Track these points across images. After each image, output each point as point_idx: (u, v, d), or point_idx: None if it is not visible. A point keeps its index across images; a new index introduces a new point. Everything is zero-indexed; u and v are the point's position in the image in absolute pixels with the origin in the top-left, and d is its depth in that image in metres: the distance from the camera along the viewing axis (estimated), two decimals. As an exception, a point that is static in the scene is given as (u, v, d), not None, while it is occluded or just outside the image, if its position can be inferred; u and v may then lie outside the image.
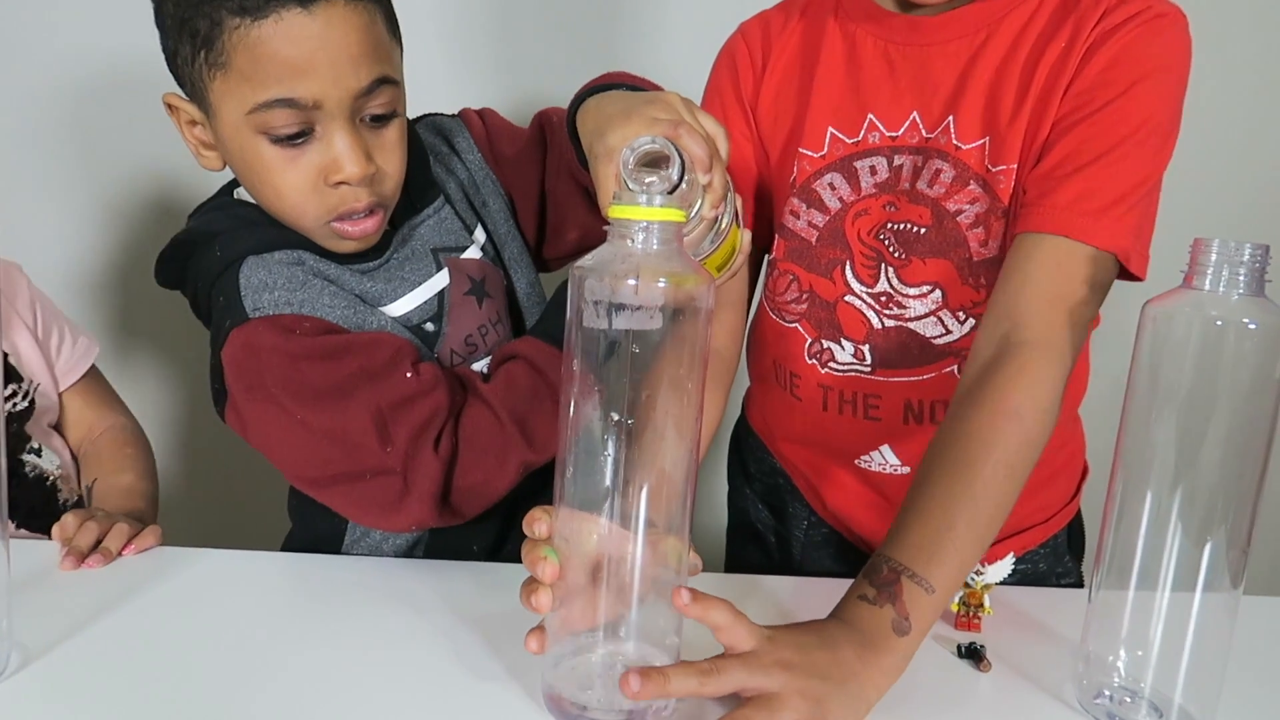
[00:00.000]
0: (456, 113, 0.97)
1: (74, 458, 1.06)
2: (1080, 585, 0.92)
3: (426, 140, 0.92)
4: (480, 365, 0.88)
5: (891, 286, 0.82)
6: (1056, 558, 0.93)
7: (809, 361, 0.87)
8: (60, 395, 1.05)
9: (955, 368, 0.82)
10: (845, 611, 0.61)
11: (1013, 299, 0.69)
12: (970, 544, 0.62)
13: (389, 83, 0.76)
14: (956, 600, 0.74)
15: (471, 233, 0.91)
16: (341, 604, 0.73)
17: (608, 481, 0.57)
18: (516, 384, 0.80)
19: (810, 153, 0.83)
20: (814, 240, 0.84)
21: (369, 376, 0.76)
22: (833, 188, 0.82)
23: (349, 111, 0.74)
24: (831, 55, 0.82)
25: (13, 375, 0.98)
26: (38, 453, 0.99)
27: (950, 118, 0.77)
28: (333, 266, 0.81)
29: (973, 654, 0.69)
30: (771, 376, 0.93)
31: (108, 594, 0.71)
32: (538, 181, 0.93)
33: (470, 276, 0.88)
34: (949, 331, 0.81)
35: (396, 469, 0.76)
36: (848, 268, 0.83)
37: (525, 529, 0.61)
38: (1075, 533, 0.95)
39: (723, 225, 0.69)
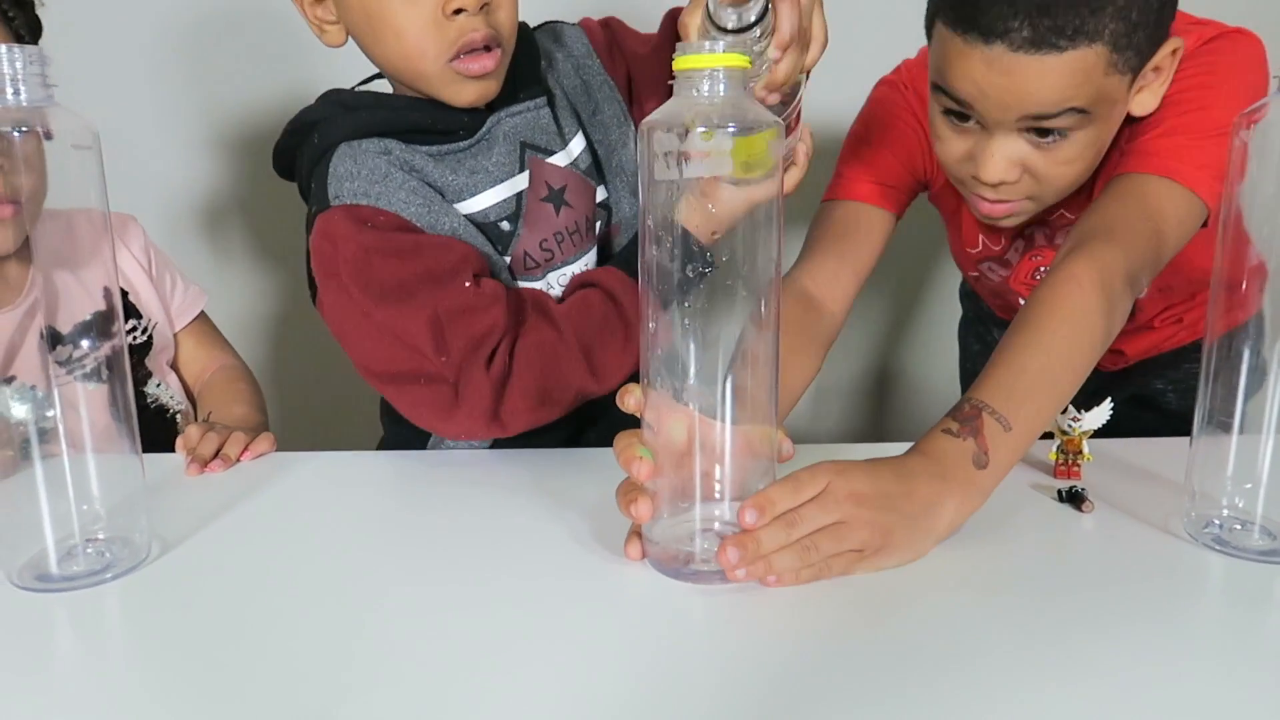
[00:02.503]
0: (578, 21, 0.97)
1: (190, 397, 1.12)
2: None
3: (543, 45, 0.93)
4: (556, 276, 0.89)
5: None
6: None
7: None
8: (175, 336, 1.12)
9: None
10: (927, 444, 0.63)
11: (1078, 222, 0.75)
12: (1043, 389, 0.66)
13: None
14: (1055, 449, 0.73)
15: (566, 141, 0.90)
16: (441, 490, 0.77)
17: (690, 344, 0.58)
18: (590, 311, 0.81)
19: (970, 249, 0.98)
20: (995, 287, 1.02)
21: (432, 279, 0.78)
22: (991, 269, 0.99)
23: None
24: None
25: (132, 312, 1.04)
26: (159, 387, 1.05)
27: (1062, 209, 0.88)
28: (420, 156, 0.83)
29: (1073, 498, 0.69)
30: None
31: (229, 494, 0.76)
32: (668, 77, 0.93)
33: (549, 183, 0.88)
34: None
35: (450, 379, 0.78)
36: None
37: (619, 402, 0.63)
38: None
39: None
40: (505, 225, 0.86)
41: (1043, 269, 0.94)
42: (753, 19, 0.56)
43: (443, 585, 0.60)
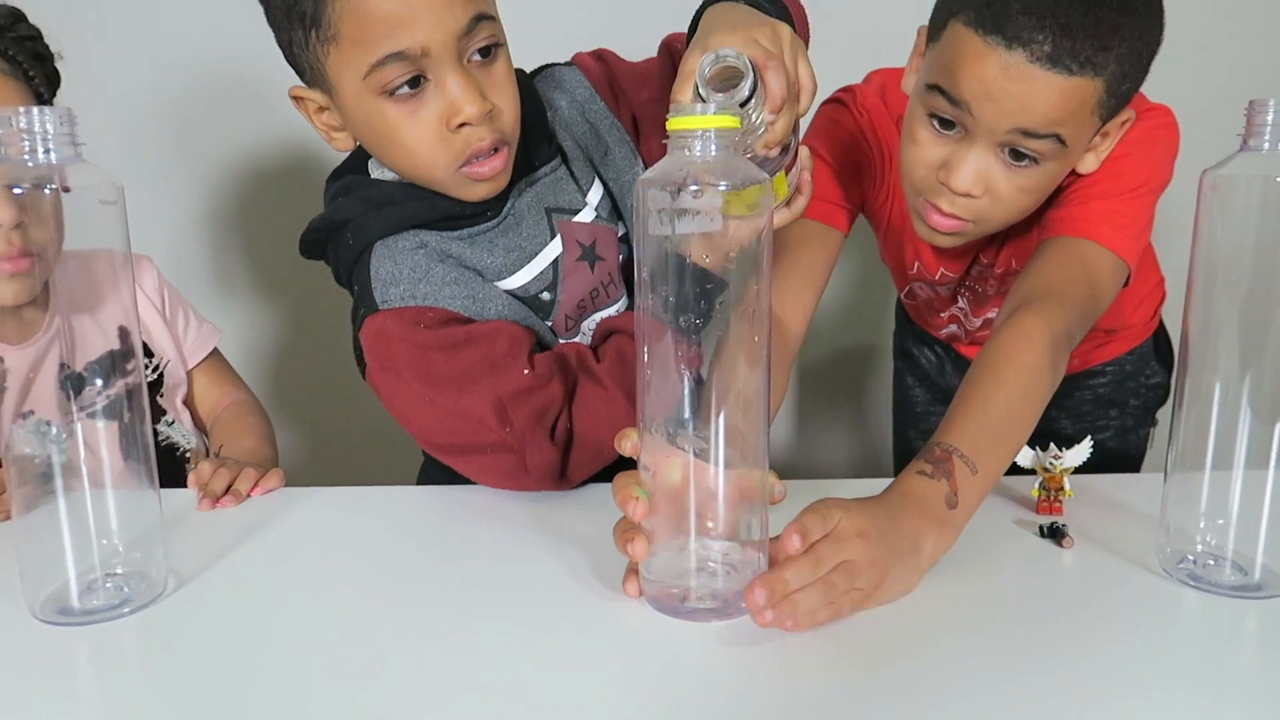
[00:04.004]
0: (570, 60, 0.98)
1: (203, 434, 1.15)
2: (1168, 393, 1.19)
3: (544, 94, 0.94)
4: (587, 323, 0.92)
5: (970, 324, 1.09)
6: (1143, 361, 1.15)
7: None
8: (189, 374, 1.15)
9: None
10: (904, 485, 0.66)
11: (1022, 279, 0.82)
12: (1002, 437, 0.71)
13: (487, 18, 0.79)
14: (1037, 486, 0.76)
15: (585, 194, 0.93)
16: (442, 526, 0.80)
17: (685, 392, 0.60)
18: (626, 360, 0.84)
19: (906, 269, 1.04)
20: (919, 302, 1.12)
21: (490, 366, 0.81)
22: (922, 289, 1.07)
23: (455, 54, 0.77)
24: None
25: (144, 349, 1.06)
26: (171, 425, 1.08)
27: (994, 259, 0.96)
28: (454, 242, 0.86)
29: (1054, 533, 0.71)
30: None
31: (240, 529, 0.79)
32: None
33: (580, 242, 0.90)
34: None
35: (515, 447, 0.81)
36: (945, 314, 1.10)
37: (616, 446, 0.65)
38: (1161, 342, 1.18)
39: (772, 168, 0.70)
40: (546, 295, 0.89)
41: (962, 300, 1.03)
42: (745, 95, 0.59)
43: (444, 621, 0.63)
